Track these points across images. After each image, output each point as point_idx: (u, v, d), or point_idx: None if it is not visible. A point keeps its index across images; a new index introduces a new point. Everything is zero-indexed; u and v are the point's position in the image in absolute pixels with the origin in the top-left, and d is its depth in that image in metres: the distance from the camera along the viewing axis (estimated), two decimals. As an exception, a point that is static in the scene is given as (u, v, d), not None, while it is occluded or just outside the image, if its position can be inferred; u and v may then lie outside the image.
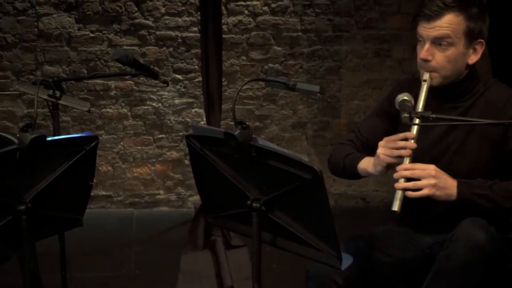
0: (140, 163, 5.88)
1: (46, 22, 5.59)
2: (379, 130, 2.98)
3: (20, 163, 2.30)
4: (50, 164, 2.43)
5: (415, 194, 2.57)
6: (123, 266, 4.72)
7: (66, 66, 5.66)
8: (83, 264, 4.58)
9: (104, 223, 5.50)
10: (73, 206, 2.60)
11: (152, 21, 5.64)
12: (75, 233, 2.85)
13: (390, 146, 2.66)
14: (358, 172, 2.88)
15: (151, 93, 5.76)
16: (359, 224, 5.10)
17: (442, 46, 2.71)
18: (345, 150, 2.98)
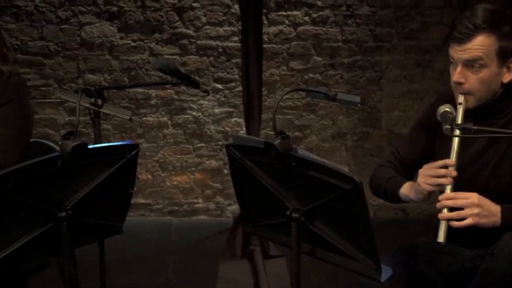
0: (179, 172, 5.90)
1: (88, 31, 5.65)
2: (417, 148, 2.95)
3: (62, 171, 2.31)
4: (91, 172, 2.43)
5: (459, 224, 2.53)
6: (162, 274, 4.74)
7: (108, 75, 5.71)
8: (122, 271, 4.60)
9: (143, 231, 5.52)
10: (113, 214, 2.61)
11: (193, 30, 5.67)
12: (114, 240, 2.86)
13: (431, 174, 2.63)
14: (400, 197, 2.85)
15: (191, 102, 5.79)
16: (399, 236, 5.05)
17: (474, 68, 2.65)
18: (386, 173, 2.95)
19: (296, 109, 5.87)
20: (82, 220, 2.46)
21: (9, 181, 2.20)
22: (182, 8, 5.63)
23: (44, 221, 2.38)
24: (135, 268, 4.80)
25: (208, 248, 5.23)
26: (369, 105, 5.86)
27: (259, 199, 2.57)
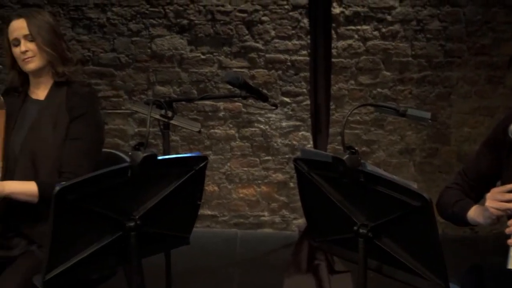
0: (246, 184, 5.92)
1: (159, 44, 5.72)
2: (485, 168, 2.88)
3: (131, 181, 2.34)
4: (160, 183, 2.45)
5: None
6: (226, 286, 4.75)
7: (177, 87, 5.77)
8: (188, 282, 4.62)
9: (209, 242, 5.55)
10: (181, 225, 2.62)
11: (262, 44, 5.70)
12: (180, 251, 2.88)
13: (498, 199, 2.58)
14: (467, 221, 2.80)
15: (259, 115, 5.80)
16: (467, 254, 4.98)
17: None
18: (453, 196, 2.89)
19: (364, 123, 5.84)
20: (150, 230, 2.48)
21: (80, 190, 2.23)
22: (252, 22, 5.66)
23: (113, 230, 2.41)
24: (200, 279, 4.82)
25: (273, 262, 5.22)
26: (439, 121, 5.79)
27: (326, 214, 2.56)
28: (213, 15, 5.66)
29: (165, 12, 5.67)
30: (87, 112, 3.09)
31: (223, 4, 5.64)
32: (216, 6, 5.65)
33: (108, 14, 5.69)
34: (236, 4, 5.64)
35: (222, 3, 5.64)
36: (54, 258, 2.29)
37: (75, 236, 2.35)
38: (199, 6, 5.65)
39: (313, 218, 2.69)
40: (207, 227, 5.92)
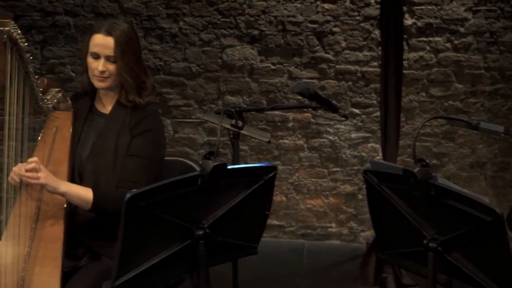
0: (313, 195, 5.91)
1: (229, 54, 5.76)
2: None
3: (201, 190, 2.36)
4: (229, 192, 2.47)
5: None
6: (293, 297, 4.75)
7: (247, 97, 5.80)
8: (254, 291, 4.65)
9: (276, 252, 5.55)
10: (249, 234, 2.63)
11: (333, 55, 5.69)
12: (247, 260, 2.89)
13: None
14: None
15: (328, 126, 5.79)
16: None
17: None
18: None
19: (435, 136, 5.77)
20: (219, 239, 2.50)
21: (151, 197, 2.26)
22: (323, 33, 5.66)
23: (182, 238, 2.44)
24: (267, 289, 4.83)
25: (340, 273, 5.20)
26: (511, 134, 5.69)
27: (395, 227, 2.54)
28: (284, 25, 5.68)
29: (236, 22, 5.71)
30: (149, 129, 3.09)
31: (294, 14, 5.65)
32: (287, 17, 5.66)
33: (180, 24, 5.75)
34: (307, 15, 5.65)
35: (293, 13, 5.65)
36: (124, 264, 2.33)
37: (144, 243, 2.38)
38: (270, 16, 5.67)
39: (382, 231, 2.68)
40: (274, 237, 5.92)
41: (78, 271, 2.97)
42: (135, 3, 5.78)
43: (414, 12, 5.60)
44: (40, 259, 2.83)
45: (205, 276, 2.53)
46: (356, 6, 5.62)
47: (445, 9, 5.59)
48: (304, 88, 3.32)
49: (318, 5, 5.63)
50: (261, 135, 3.48)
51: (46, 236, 2.90)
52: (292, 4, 5.64)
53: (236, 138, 3.43)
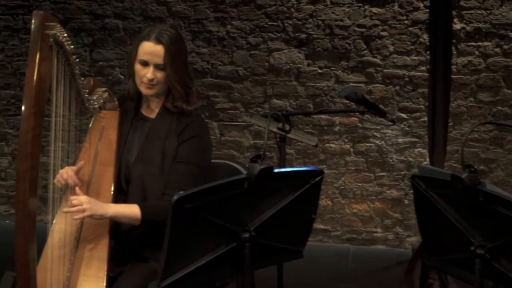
0: (359, 200, 5.88)
1: (277, 57, 5.77)
2: None
3: (247, 192, 2.36)
4: (275, 195, 2.47)
5: None
6: (337, 302, 4.74)
7: (293, 100, 5.80)
8: (298, 295, 4.64)
9: (321, 257, 5.54)
10: (295, 238, 2.63)
11: (380, 59, 5.66)
12: (292, 264, 2.89)
13: None
14: None
15: (374, 131, 5.76)
16: None
17: None
18: None
19: (483, 142, 5.70)
20: (264, 242, 2.50)
21: (198, 200, 2.27)
22: (370, 37, 5.64)
23: (228, 241, 2.45)
24: (311, 293, 4.82)
25: (385, 279, 5.17)
26: (561, 141, 5.62)
27: (442, 233, 2.52)
28: (332, 29, 5.67)
29: (283, 26, 5.71)
30: (196, 135, 3.11)
31: (342, 18, 5.64)
32: (334, 21, 5.65)
33: (227, 27, 5.78)
34: (355, 19, 5.63)
35: (341, 17, 5.64)
36: (170, 265, 2.34)
37: (190, 245, 2.39)
38: (318, 20, 5.67)
39: (429, 236, 2.66)
40: (319, 241, 5.91)
41: (124, 273, 3.00)
42: (184, 6, 5.81)
43: (463, 16, 5.55)
44: (86, 260, 2.86)
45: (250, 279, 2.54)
46: (404, 10, 5.58)
47: (495, 13, 5.52)
48: (352, 92, 3.32)
49: (366, 9, 5.61)
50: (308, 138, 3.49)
51: (92, 238, 2.93)
52: (340, 8, 5.63)
53: (282, 141, 3.45)
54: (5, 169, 6.34)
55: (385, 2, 5.58)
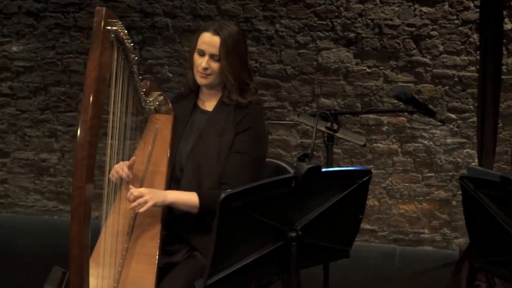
0: (407, 200, 5.85)
1: (325, 56, 5.76)
2: None
3: (295, 191, 2.37)
4: (322, 195, 2.47)
5: None
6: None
7: (341, 100, 5.79)
8: (344, 295, 4.63)
9: (367, 257, 5.52)
10: (342, 238, 2.63)
11: (430, 58, 5.62)
12: (338, 263, 2.89)
13: None
14: None
15: (423, 131, 5.72)
16: None
17: None
18: None
19: (533, 143, 5.64)
20: (311, 242, 2.50)
21: (245, 198, 2.28)
22: (420, 36, 5.60)
23: (275, 239, 2.45)
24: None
25: (432, 280, 5.14)
26: None
27: (490, 234, 2.50)
28: (381, 28, 5.64)
29: (332, 25, 5.70)
30: (252, 127, 3.13)
31: (392, 18, 5.61)
32: (384, 20, 5.62)
33: (276, 26, 5.79)
34: (404, 18, 5.59)
35: (391, 17, 5.61)
36: (217, 263, 2.36)
37: (237, 243, 2.40)
38: (367, 19, 5.65)
39: (476, 238, 2.63)
40: (365, 241, 5.89)
41: (172, 270, 3.03)
42: (233, 5, 5.84)
43: (515, 16, 5.49)
44: (137, 256, 2.89)
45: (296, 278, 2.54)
46: (454, 9, 5.53)
47: (547, 13, 5.47)
48: (401, 92, 3.30)
49: (416, 8, 5.57)
50: (357, 138, 3.48)
51: (144, 233, 2.97)
52: (389, 7, 5.60)
53: (330, 140, 3.44)
54: (54, 165, 6.43)
55: (435, 2, 5.54)
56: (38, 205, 6.50)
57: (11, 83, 6.35)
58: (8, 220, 6.41)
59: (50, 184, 6.47)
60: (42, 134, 6.39)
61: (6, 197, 6.54)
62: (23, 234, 6.02)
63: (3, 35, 6.28)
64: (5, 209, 6.57)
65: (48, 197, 6.48)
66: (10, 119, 6.41)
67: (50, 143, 6.40)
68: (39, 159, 6.44)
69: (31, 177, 6.48)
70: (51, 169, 6.45)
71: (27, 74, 6.31)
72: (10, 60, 6.31)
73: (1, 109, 6.41)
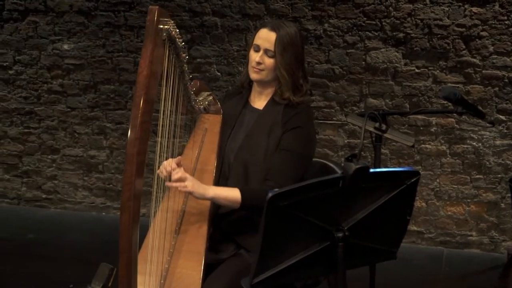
0: (454, 202, 5.80)
1: (373, 56, 5.74)
2: None
3: (342, 192, 2.36)
4: (370, 195, 2.46)
5: None
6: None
7: (389, 100, 5.76)
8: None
9: (414, 259, 5.49)
10: (389, 239, 2.61)
11: (479, 59, 5.56)
12: (384, 265, 2.88)
13: None
14: None
15: (472, 132, 5.67)
16: None
17: None
18: None
19: None
20: (358, 242, 2.50)
21: (292, 197, 2.28)
22: (470, 36, 5.54)
23: (321, 239, 2.45)
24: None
25: (479, 283, 5.10)
26: None
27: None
28: (431, 28, 5.59)
29: (381, 25, 5.67)
30: (300, 126, 3.13)
31: (441, 18, 5.56)
32: (434, 20, 5.58)
33: (325, 25, 5.78)
34: (454, 18, 5.54)
35: (440, 17, 5.56)
36: (263, 262, 2.36)
37: (284, 243, 2.40)
38: (417, 19, 5.61)
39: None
40: (412, 243, 5.85)
41: (218, 268, 3.05)
42: (281, 4, 5.84)
43: None
44: (184, 253, 2.91)
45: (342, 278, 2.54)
46: (505, 10, 5.47)
47: None
48: (451, 93, 3.27)
49: (466, 8, 5.52)
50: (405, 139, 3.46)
51: (191, 231, 2.99)
52: (439, 7, 5.55)
53: (378, 141, 3.43)
54: (103, 162, 6.51)
55: (486, 2, 5.48)
56: (87, 201, 6.58)
57: (61, 81, 6.44)
58: (57, 216, 6.50)
59: (98, 181, 6.55)
60: (91, 131, 6.48)
61: (56, 193, 6.64)
62: (71, 230, 6.10)
63: (54, 33, 6.37)
64: (54, 205, 6.66)
65: (96, 194, 6.56)
66: (60, 116, 6.50)
67: (99, 140, 6.48)
68: (88, 156, 6.52)
69: (80, 174, 6.57)
70: (99, 166, 6.53)
71: (77, 72, 6.40)
72: (61, 58, 6.41)
73: (52, 106, 6.50)
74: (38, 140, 6.60)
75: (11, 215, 6.47)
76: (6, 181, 6.72)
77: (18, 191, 6.72)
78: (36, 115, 6.55)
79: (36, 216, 6.46)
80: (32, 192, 6.68)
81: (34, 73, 6.47)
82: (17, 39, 6.45)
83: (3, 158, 6.71)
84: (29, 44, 6.45)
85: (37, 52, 6.44)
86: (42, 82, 6.48)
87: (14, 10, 6.41)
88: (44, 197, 6.67)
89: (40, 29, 6.39)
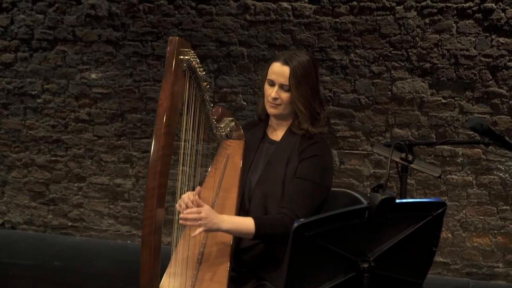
0: (481, 233, 5.75)
1: (399, 86, 5.73)
2: None
3: (368, 222, 2.36)
4: (396, 226, 2.45)
5: None
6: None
7: (415, 130, 5.74)
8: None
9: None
10: (415, 270, 2.60)
11: (506, 90, 5.54)
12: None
13: None
14: None
15: (498, 163, 5.63)
16: None
17: None
18: None
19: None
20: (384, 273, 2.49)
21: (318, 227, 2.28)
22: (497, 67, 5.52)
23: (347, 270, 2.44)
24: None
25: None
26: None
27: None
28: (457, 59, 5.58)
29: (408, 55, 5.67)
30: (316, 155, 3.13)
31: (468, 48, 5.55)
32: (460, 50, 5.57)
33: (351, 55, 5.79)
34: (481, 48, 5.53)
35: (467, 47, 5.55)
36: (289, 292, 2.36)
37: (309, 273, 2.40)
38: (443, 49, 5.60)
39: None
40: (438, 274, 5.80)
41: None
42: (308, 34, 5.87)
43: None
44: (206, 282, 2.91)
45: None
46: (533, 40, 5.46)
47: None
48: (478, 124, 3.25)
49: (493, 38, 5.51)
50: (432, 169, 3.44)
51: (213, 260, 2.99)
52: (466, 37, 5.55)
53: (404, 171, 3.42)
54: (129, 190, 6.53)
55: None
56: (112, 229, 6.60)
57: (89, 109, 6.49)
58: (82, 243, 6.52)
59: (124, 209, 6.57)
60: (117, 160, 6.51)
61: (81, 221, 6.67)
62: (97, 258, 6.12)
63: (82, 62, 6.44)
64: (79, 232, 6.69)
65: (122, 222, 6.58)
66: (87, 144, 6.55)
67: (125, 168, 6.51)
68: (114, 184, 6.55)
69: (106, 202, 6.60)
70: (125, 194, 6.55)
71: (104, 101, 6.45)
72: (89, 87, 6.46)
73: (79, 134, 6.55)
74: (65, 168, 6.64)
75: (37, 242, 6.50)
76: (33, 209, 6.77)
77: (45, 219, 6.75)
78: (63, 143, 6.60)
79: (62, 243, 6.49)
80: (59, 220, 6.72)
81: (62, 101, 6.53)
82: (45, 68, 6.53)
83: (30, 186, 6.76)
84: (58, 73, 6.51)
85: (65, 81, 6.50)
86: (70, 110, 6.54)
87: (43, 39, 6.49)
88: (70, 224, 6.70)
89: (68, 58, 6.46)
